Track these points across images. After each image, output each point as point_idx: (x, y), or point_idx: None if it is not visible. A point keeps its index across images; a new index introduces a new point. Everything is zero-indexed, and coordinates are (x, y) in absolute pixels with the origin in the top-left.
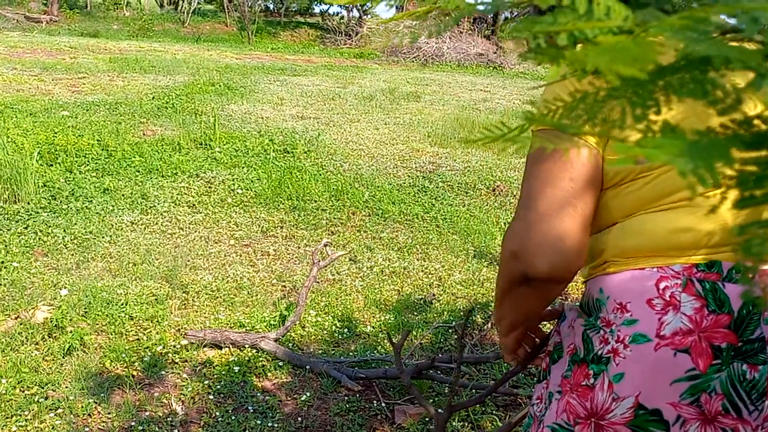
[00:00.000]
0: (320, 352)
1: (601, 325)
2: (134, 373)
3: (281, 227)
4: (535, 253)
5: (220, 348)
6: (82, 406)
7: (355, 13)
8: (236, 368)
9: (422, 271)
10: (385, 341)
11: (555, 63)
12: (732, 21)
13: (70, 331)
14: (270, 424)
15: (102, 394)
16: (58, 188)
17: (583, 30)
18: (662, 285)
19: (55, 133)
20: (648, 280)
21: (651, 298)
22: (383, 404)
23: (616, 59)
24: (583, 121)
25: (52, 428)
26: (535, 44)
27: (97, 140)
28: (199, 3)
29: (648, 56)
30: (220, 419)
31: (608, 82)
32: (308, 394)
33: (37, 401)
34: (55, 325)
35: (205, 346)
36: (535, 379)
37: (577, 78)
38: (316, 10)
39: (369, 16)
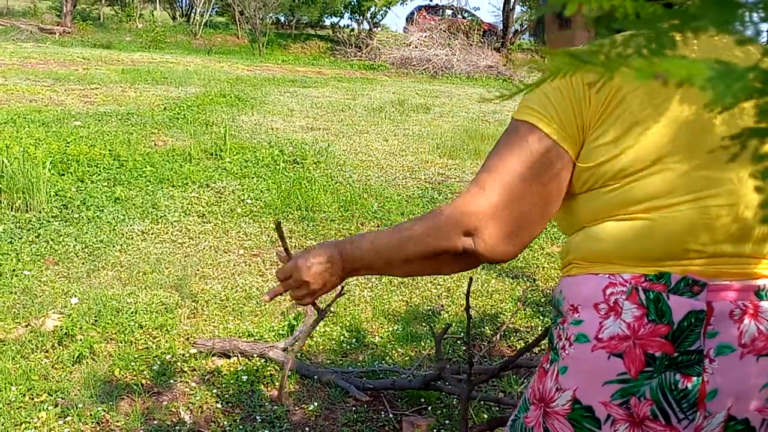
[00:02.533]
0: (328, 362)
1: (560, 322)
2: (143, 381)
3: (290, 237)
4: (488, 236)
5: (229, 357)
6: (91, 414)
7: (365, 26)
8: (244, 377)
9: (430, 281)
10: (393, 351)
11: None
12: None
13: (80, 339)
14: None
15: (111, 402)
16: (70, 197)
17: None
18: (609, 291)
19: (68, 143)
20: (598, 286)
21: (597, 303)
22: (391, 415)
23: None
24: (602, 60)
25: None
26: None
27: (109, 150)
28: (210, 15)
29: None
30: (228, 428)
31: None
32: (316, 404)
33: (46, 409)
34: (65, 333)
35: (213, 355)
36: None
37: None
38: (327, 22)
39: (379, 29)
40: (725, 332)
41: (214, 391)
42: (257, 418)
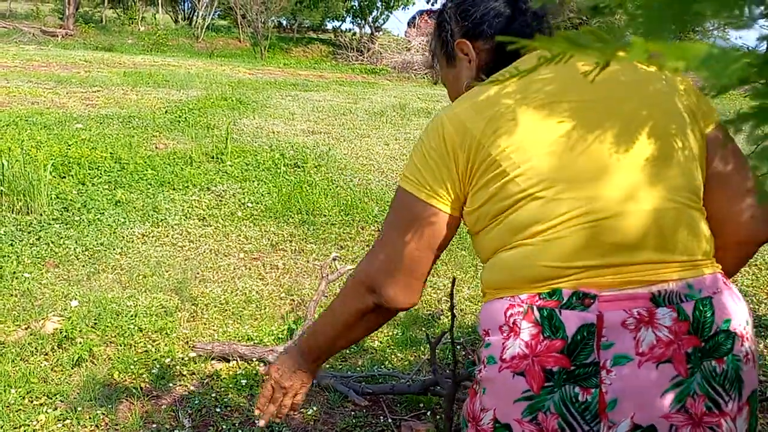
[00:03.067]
0: (327, 366)
1: (478, 345)
2: (142, 384)
3: (290, 241)
4: (389, 288)
5: (228, 361)
6: (90, 417)
7: (367, 30)
8: (243, 381)
9: (431, 286)
10: (393, 356)
11: None
12: None
13: (80, 342)
14: None
15: (110, 406)
16: (71, 200)
17: None
18: (509, 313)
19: (69, 145)
20: (501, 308)
21: (501, 325)
22: (390, 420)
23: None
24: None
25: None
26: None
27: (110, 153)
28: (213, 19)
29: None
30: None
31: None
32: (315, 408)
33: (45, 411)
34: (65, 336)
35: (212, 359)
36: None
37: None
38: (329, 26)
39: (381, 33)
40: (620, 342)
41: (213, 394)
42: (256, 422)
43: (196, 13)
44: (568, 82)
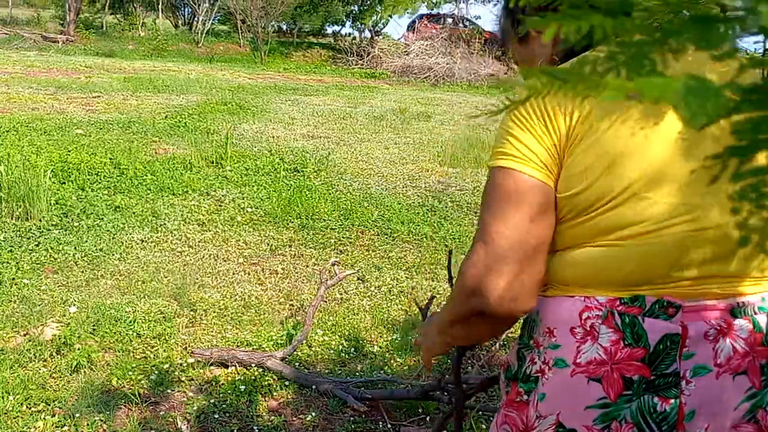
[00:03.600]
0: (327, 371)
1: (533, 345)
2: (140, 390)
3: (290, 246)
4: (493, 294)
5: (227, 367)
6: (88, 424)
7: (367, 34)
8: (242, 387)
9: (430, 291)
10: (392, 361)
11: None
12: None
13: (78, 349)
14: None
15: (108, 412)
16: (70, 206)
17: None
18: (585, 315)
19: (69, 151)
20: (574, 309)
21: (574, 327)
22: (389, 425)
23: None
24: (581, 81)
25: None
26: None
27: (110, 158)
28: (212, 24)
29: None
30: None
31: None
32: (314, 414)
33: (43, 418)
34: (64, 342)
35: (211, 365)
36: None
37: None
38: (329, 30)
39: (380, 37)
40: (701, 353)
41: (212, 400)
42: (254, 428)
43: (196, 19)
44: None
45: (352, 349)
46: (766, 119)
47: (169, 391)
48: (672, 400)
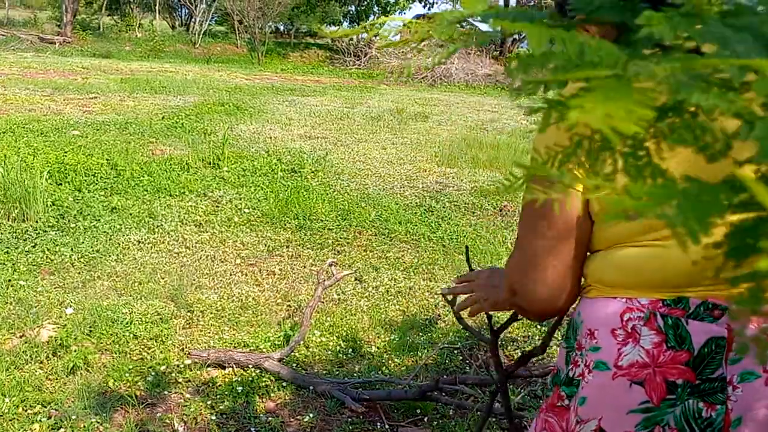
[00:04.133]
0: (324, 372)
1: (576, 348)
2: (137, 392)
3: (287, 246)
4: (526, 293)
5: (224, 368)
6: (85, 426)
7: (365, 35)
8: (239, 388)
9: (428, 291)
10: (390, 362)
11: (548, 117)
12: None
13: (75, 350)
14: None
15: (105, 414)
16: (67, 207)
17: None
18: (626, 316)
19: (65, 152)
20: (615, 310)
21: (615, 328)
22: (387, 426)
23: (611, 113)
24: (576, 173)
25: None
26: (527, 92)
27: (107, 159)
28: (210, 24)
29: (644, 107)
30: None
31: (601, 135)
32: (311, 415)
33: (40, 420)
34: (60, 344)
35: (208, 366)
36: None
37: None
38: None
39: (377, 37)
40: (747, 358)
41: (209, 402)
42: (252, 429)
43: (193, 20)
44: None
45: (350, 350)
46: (763, 221)
47: (166, 392)
48: (718, 406)
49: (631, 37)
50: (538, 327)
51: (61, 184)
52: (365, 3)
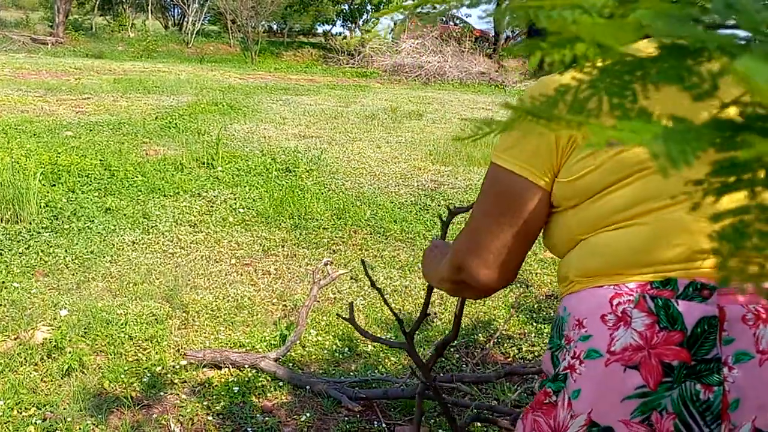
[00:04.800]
0: (321, 371)
1: (564, 344)
2: (133, 393)
3: (282, 246)
4: (471, 271)
5: (220, 368)
6: (80, 428)
7: (358, 33)
8: (236, 389)
9: (424, 289)
10: (386, 360)
11: (543, 47)
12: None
13: (69, 352)
14: None
15: (100, 416)
16: (60, 208)
17: (570, 5)
18: (615, 301)
19: (59, 153)
20: (603, 297)
21: (604, 314)
22: (384, 425)
23: (599, 33)
24: (564, 113)
25: None
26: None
27: (100, 160)
28: (203, 24)
29: (629, 33)
30: None
31: (588, 71)
32: (308, 414)
33: (35, 423)
34: (55, 346)
35: (204, 367)
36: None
37: (557, 71)
38: (319, 30)
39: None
40: (741, 338)
41: (205, 402)
42: (248, 429)
43: (186, 19)
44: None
45: (346, 349)
46: (747, 159)
47: (161, 393)
48: (715, 388)
49: None
50: (534, 324)
51: (54, 185)
52: (358, 2)
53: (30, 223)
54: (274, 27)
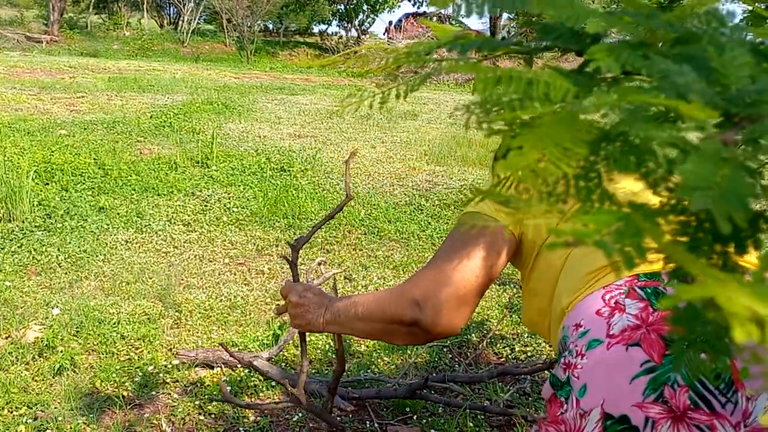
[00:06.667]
0: (313, 371)
1: (563, 356)
2: (125, 393)
3: (276, 245)
4: (436, 309)
5: (212, 368)
6: (71, 427)
7: (353, 33)
8: (228, 388)
9: None
10: (379, 360)
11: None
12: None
13: (61, 351)
14: None
15: (92, 415)
16: (54, 207)
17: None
18: (608, 296)
19: (52, 151)
20: (595, 298)
21: (599, 309)
22: (376, 424)
23: (547, 152)
24: (532, 199)
25: None
26: (483, 129)
27: (94, 159)
28: (198, 23)
29: (582, 143)
30: None
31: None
32: (300, 414)
33: (25, 422)
34: (46, 345)
35: (197, 366)
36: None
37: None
38: (315, 30)
39: (367, 36)
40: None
41: (197, 402)
42: (240, 429)
43: (181, 18)
44: None
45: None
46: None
47: (153, 393)
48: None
49: (586, 67)
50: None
51: (47, 183)
52: (354, 2)
53: (23, 222)
54: (270, 26)
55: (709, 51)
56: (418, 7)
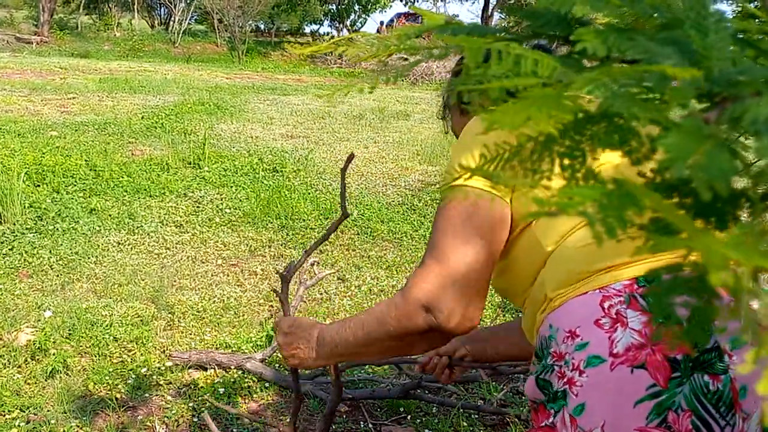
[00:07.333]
0: (307, 372)
1: (554, 361)
2: (118, 395)
3: (269, 246)
4: (449, 307)
5: (206, 369)
6: (65, 430)
7: (345, 33)
8: (221, 390)
9: None
10: None
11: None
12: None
13: (54, 354)
14: None
15: (84, 418)
16: (45, 209)
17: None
18: (606, 304)
19: (43, 153)
20: (592, 302)
21: (598, 319)
22: (370, 425)
23: (532, 116)
24: (517, 173)
25: None
26: (468, 99)
27: (85, 160)
28: (189, 23)
29: (569, 112)
30: None
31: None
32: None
33: (18, 425)
34: (38, 348)
35: (190, 368)
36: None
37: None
38: (307, 30)
39: (359, 37)
40: (731, 326)
41: (191, 404)
42: (234, 430)
43: (172, 19)
44: None
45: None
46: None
47: (146, 395)
48: (722, 377)
49: (573, 50)
50: None
51: (38, 185)
52: (346, 2)
53: (14, 224)
54: (262, 27)
55: (692, 35)
56: (409, 7)
